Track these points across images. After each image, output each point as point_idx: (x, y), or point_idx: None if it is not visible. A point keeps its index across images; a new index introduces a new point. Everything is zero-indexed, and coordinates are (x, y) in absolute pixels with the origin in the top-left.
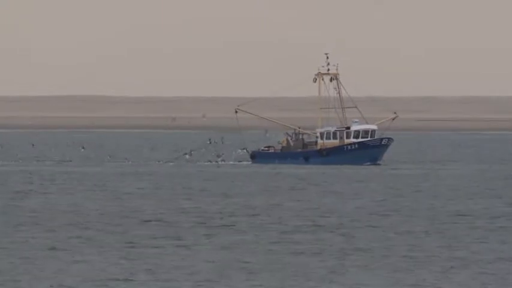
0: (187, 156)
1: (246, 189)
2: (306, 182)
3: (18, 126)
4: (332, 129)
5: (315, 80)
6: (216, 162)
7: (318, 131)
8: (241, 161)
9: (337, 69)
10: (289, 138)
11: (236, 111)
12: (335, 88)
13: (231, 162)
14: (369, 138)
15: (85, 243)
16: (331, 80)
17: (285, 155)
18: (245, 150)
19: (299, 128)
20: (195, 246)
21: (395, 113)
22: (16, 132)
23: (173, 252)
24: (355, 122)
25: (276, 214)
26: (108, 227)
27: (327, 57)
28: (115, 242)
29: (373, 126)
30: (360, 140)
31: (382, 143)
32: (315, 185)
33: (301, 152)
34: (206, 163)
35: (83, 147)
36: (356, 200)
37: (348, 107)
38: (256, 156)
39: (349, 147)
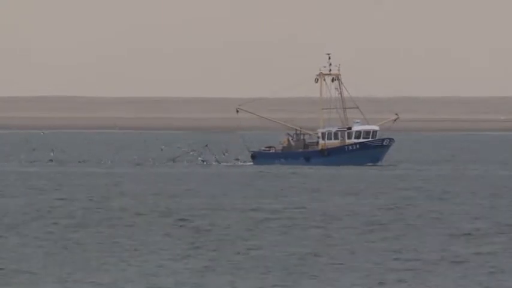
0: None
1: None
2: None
3: (18, 126)
4: (333, 129)
5: (316, 81)
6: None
7: (320, 131)
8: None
9: (338, 70)
10: (290, 138)
11: (237, 111)
12: (336, 88)
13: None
14: (370, 139)
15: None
16: (332, 80)
17: (286, 155)
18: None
19: (300, 128)
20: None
21: (396, 114)
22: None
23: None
24: (357, 122)
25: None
26: None
27: (329, 58)
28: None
29: (375, 127)
30: (361, 140)
31: (384, 143)
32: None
33: (302, 152)
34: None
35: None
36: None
37: (350, 108)
38: (257, 157)
39: (350, 147)
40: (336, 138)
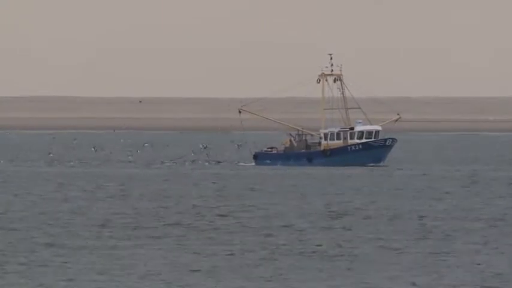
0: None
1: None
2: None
3: (17, 127)
4: (336, 130)
5: (318, 81)
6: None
7: (322, 131)
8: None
9: (340, 70)
10: (292, 139)
11: (240, 112)
12: (339, 89)
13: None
14: (372, 139)
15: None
16: (334, 80)
17: (288, 156)
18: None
19: (302, 128)
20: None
21: (398, 114)
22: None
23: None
24: (359, 122)
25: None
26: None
27: (331, 58)
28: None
29: (377, 127)
30: (363, 140)
31: (386, 143)
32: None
33: (305, 152)
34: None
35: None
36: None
37: (352, 108)
38: (259, 157)
39: (352, 147)
40: (338, 138)
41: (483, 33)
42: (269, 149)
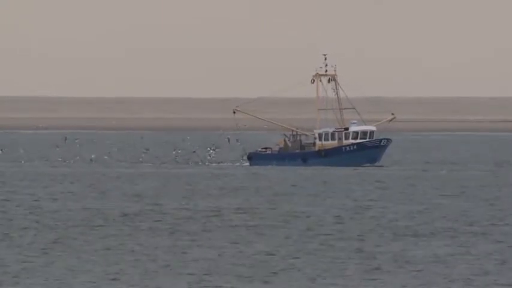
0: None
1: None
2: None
3: (17, 127)
4: (330, 130)
5: (313, 81)
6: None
7: (316, 132)
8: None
9: (335, 70)
10: (286, 139)
11: (234, 112)
12: (333, 89)
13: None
14: (367, 139)
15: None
16: (329, 81)
17: (283, 156)
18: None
19: (296, 128)
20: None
21: (392, 114)
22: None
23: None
24: (354, 123)
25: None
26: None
27: (325, 59)
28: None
29: (372, 127)
30: (358, 141)
31: (381, 143)
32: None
33: (300, 153)
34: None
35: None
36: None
37: (346, 108)
38: (253, 158)
39: (347, 148)
40: (333, 139)
41: (483, 33)
42: (263, 150)
